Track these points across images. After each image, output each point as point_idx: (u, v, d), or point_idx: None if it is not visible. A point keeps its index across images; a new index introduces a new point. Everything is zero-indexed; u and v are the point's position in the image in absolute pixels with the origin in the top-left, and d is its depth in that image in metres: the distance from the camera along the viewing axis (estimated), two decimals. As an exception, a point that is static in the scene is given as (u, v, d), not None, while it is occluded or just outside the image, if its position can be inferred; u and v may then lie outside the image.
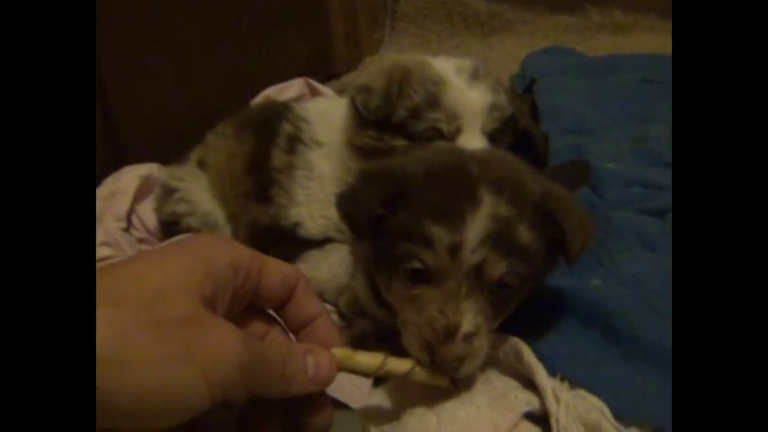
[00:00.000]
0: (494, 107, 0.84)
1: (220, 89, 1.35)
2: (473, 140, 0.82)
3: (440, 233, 0.55)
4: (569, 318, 0.64)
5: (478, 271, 0.55)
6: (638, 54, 1.55)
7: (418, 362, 0.55)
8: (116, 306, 0.37)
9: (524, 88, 1.33)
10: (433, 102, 0.81)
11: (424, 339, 0.55)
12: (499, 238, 0.55)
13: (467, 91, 0.83)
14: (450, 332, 0.54)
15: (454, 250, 0.55)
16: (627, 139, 1.11)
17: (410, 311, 0.58)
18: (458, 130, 0.82)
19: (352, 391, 0.66)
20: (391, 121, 0.82)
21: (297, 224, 0.87)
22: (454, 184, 0.57)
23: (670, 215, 0.79)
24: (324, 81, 1.44)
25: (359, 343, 0.71)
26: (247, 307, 0.49)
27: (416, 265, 0.56)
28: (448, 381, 0.55)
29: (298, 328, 0.51)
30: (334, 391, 0.61)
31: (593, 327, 0.63)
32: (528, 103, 1.20)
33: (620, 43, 1.72)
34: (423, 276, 0.57)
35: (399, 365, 0.54)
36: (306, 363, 0.47)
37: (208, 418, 0.42)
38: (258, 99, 1.24)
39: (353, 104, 0.84)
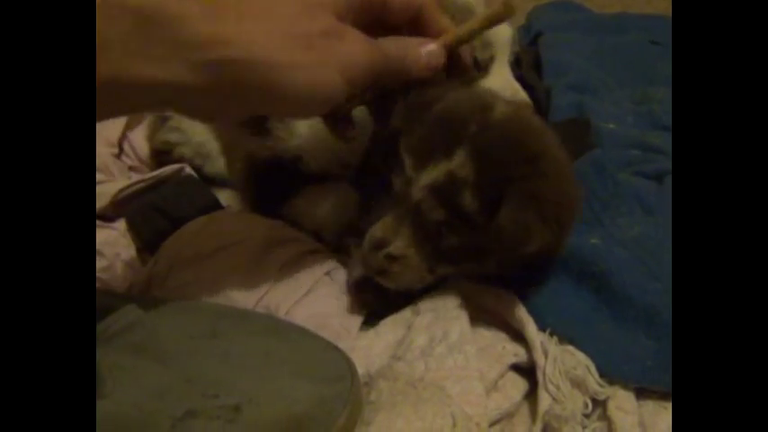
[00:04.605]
0: (513, 40, 0.84)
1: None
2: (503, 70, 0.83)
3: (408, 165, 0.60)
4: (563, 274, 0.64)
5: (419, 209, 0.60)
6: (648, 14, 1.52)
7: None
8: (269, 20, 0.48)
9: (529, 41, 1.31)
10: None
11: (363, 245, 0.63)
12: (442, 190, 0.58)
13: None
14: (376, 245, 0.61)
15: (408, 183, 0.60)
16: (629, 100, 1.10)
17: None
18: (491, 59, 0.81)
19: (340, 332, 0.66)
20: None
21: (297, 158, 0.84)
22: (446, 134, 0.60)
23: (667, 179, 0.79)
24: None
25: (354, 287, 0.71)
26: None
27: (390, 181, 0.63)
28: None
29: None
30: (321, 330, 0.62)
31: (586, 284, 0.63)
32: (532, 57, 1.18)
33: (629, 1, 1.69)
34: (392, 196, 0.62)
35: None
36: (420, 53, 0.59)
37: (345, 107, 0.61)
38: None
39: None
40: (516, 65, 0.87)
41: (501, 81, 0.80)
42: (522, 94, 0.83)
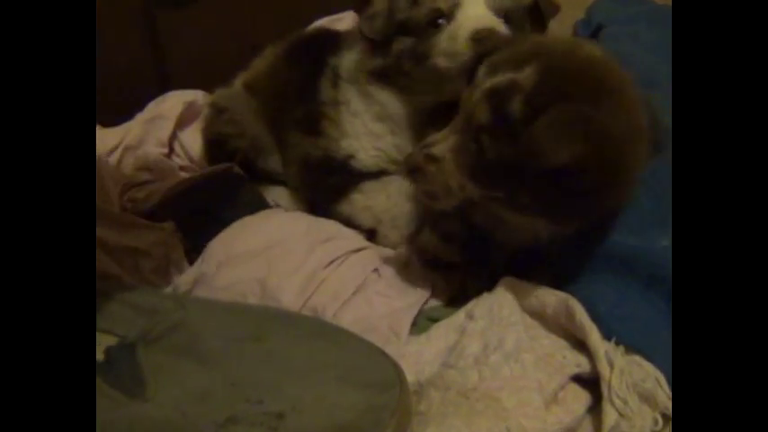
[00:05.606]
0: None
1: (269, 19, 1.32)
2: (475, 8, 0.77)
3: (481, 74, 0.63)
4: (630, 278, 0.60)
5: (472, 114, 0.61)
6: (715, 6, 1.46)
7: None
8: None
9: (590, 34, 1.27)
10: None
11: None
12: (497, 94, 0.60)
13: None
14: (423, 145, 0.64)
15: (472, 90, 0.62)
16: (697, 95, 1.05)
17: None
18: (455, 5, 0.77)
19: (389, 336, 0.65)
20: (395, 20, 0.79)
21: (350, 156, 0.86)
22: (522, 57, 0.61)
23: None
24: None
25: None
26: None
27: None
28: None
29: None
30: (369, 334, 0.60)
31: (655, 289, 0.58)
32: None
33: (696, -7, 1.62)
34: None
35: None
36: None
37: None
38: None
39: (364, 37, 0.82)
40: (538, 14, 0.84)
41: (476, 11, 0.76)
42: (501, 28, 0.76)
